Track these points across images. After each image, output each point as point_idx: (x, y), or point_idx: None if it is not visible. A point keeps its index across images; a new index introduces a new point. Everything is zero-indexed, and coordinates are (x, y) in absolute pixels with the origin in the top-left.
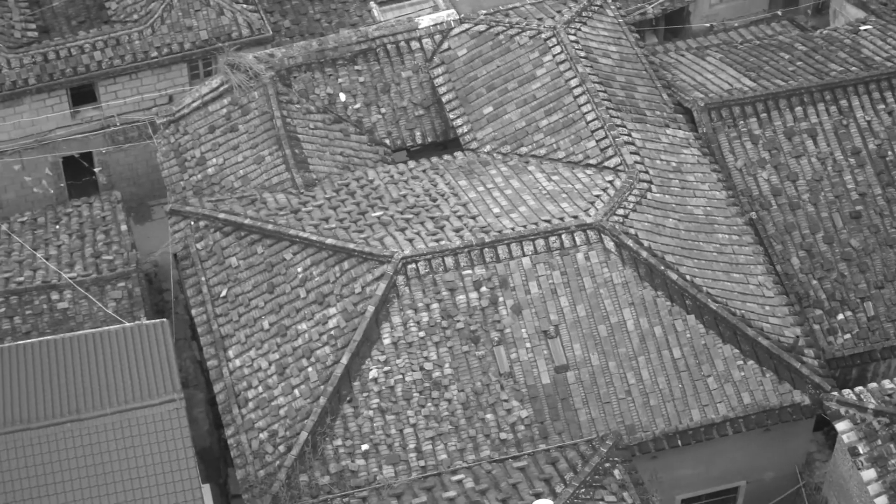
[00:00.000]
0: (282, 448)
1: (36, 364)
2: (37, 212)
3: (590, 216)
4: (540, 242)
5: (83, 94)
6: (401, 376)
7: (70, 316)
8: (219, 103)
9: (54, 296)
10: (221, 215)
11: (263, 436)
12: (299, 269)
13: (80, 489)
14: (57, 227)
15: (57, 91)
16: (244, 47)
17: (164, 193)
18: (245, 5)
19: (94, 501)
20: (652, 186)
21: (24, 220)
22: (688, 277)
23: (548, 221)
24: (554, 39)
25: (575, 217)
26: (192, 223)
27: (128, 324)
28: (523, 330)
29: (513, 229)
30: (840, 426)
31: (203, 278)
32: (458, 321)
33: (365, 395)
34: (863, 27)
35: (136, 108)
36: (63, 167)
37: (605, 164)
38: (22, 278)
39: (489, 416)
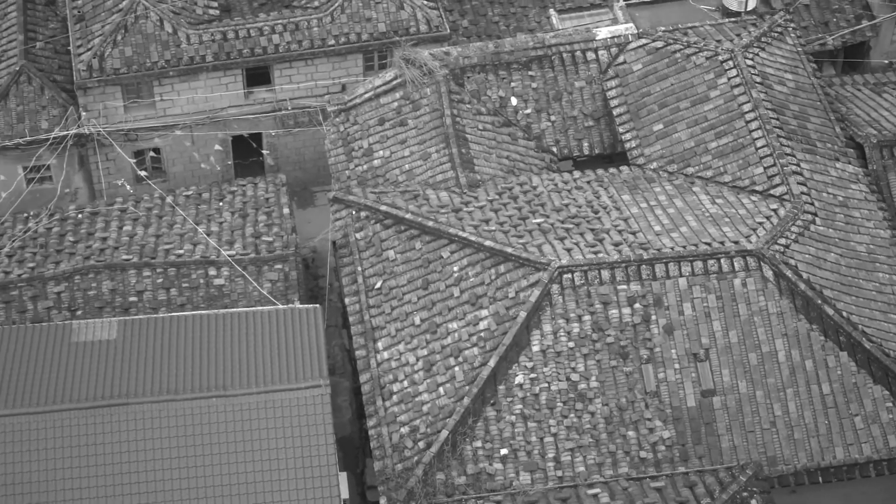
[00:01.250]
0: (421, 444)
1: (188, 336)
2: (202, 187)
3: (751, 243)
4: (698, 264)
5: (258, 76)
6: (546, 385)
7: (225, 293)
8: (390, 96)
9: (212, 271)
10: (383, 207)
11: (404, 430)
12: (455, 269)
13: (220, 464)
14: (220, 204)
15: (233, 70)
16: (421, 43)
17: (329, 180)
18: (426, 1)
19: (232, 478)
20: (816, 219)
21: (188, 195)
22: (844, 314)
23: (708, 244)
24: (731, 62)
25: (736, 242)
26: (354, 213)
27: (281, 306)
28: (673, 350)
29: (672, 249)
30: None
31: (359, 268)
32: (609, 335)
33: (509, 399)
34: None
35: (308, 93)
36: (232, 146)
37: (771, 191)
38: (182, 251)
39: (631, 433)
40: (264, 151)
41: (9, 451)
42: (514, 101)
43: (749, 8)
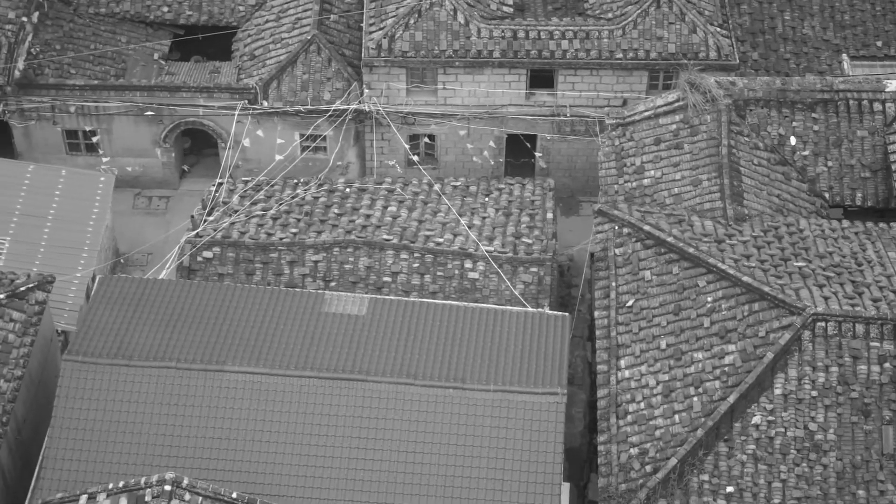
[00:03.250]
0: (648, 468)
1: (434, 324)
2: (471, 180)
3: None
4: None
5: (541, 78)
6: (783, 430)
7: (477, 287)
8: (670, 118)
9: (467, 264)
10: (646, 227)
11: (634, 451)
12: (709, 299)
13: (446, 455)
14: (486, 199)
15: (518, 69)
16: (708, 69)
17: (596, 192)
18: (719, 29)
19: (455, 470)
20: None
21: (456, 185)
22: None
23: None
24: None
25: None
26: (617, 228)
27: (531, 309)
28: None
29: None
30: None
31: (614, 284)
32: (854, 390)
33: (743, 438)
34: None
35: (589, 103)
36: (506, 143)
37: None
38: (441, 240)
39: (861, 492)
40: (537, 154)
41: (245, 406)
42: (793, 140)
43: None
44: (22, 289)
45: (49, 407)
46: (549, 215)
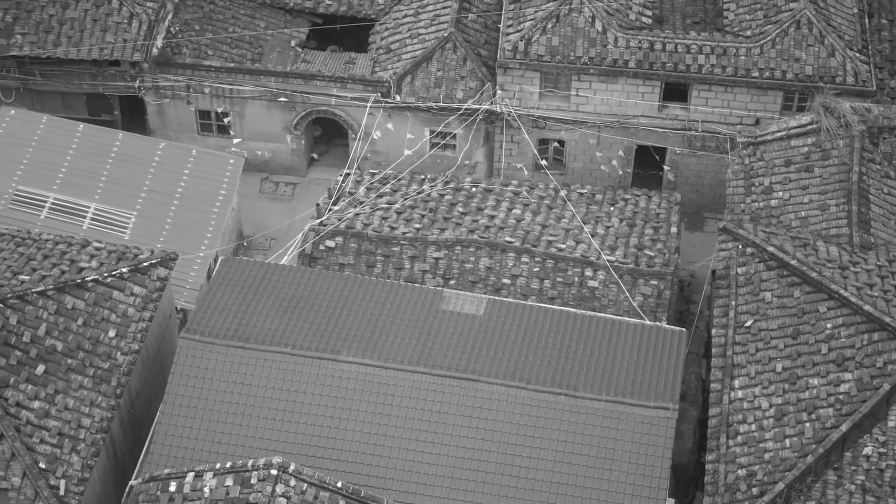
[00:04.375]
0: (755, 490)
1: (551, 329)
2: (597, 188)
3: None
4: None
5: (675, 91)
6: (894, 462)
7: (597, 296)
8: (802, 140)
9: (588, 272)
10: (770, 248)
11: (741, 472)
12: (828, 325)
13: (552, 461)
14: (611, 208)
15: (652, 81)
16: (844, 94)
17: (722, 209)
18: (858, 54)
19: (560, 476)
20: None
21: (582, 192)
22: None
23: None
24: None
25: None
26: (740, 247)
27: (648, 322)
28: None
29: None
30: None
31: (733, 303)
32: None
33: (853, 468)
34: None
35: (721, 119)
36: (635, 154)
37: None
38: (563, 246)
39: None
40: (666, 167)
41: (356, 397)
42: None
43: None
44: (145, 264)
45: (163, 383)
46: (674, 229)
